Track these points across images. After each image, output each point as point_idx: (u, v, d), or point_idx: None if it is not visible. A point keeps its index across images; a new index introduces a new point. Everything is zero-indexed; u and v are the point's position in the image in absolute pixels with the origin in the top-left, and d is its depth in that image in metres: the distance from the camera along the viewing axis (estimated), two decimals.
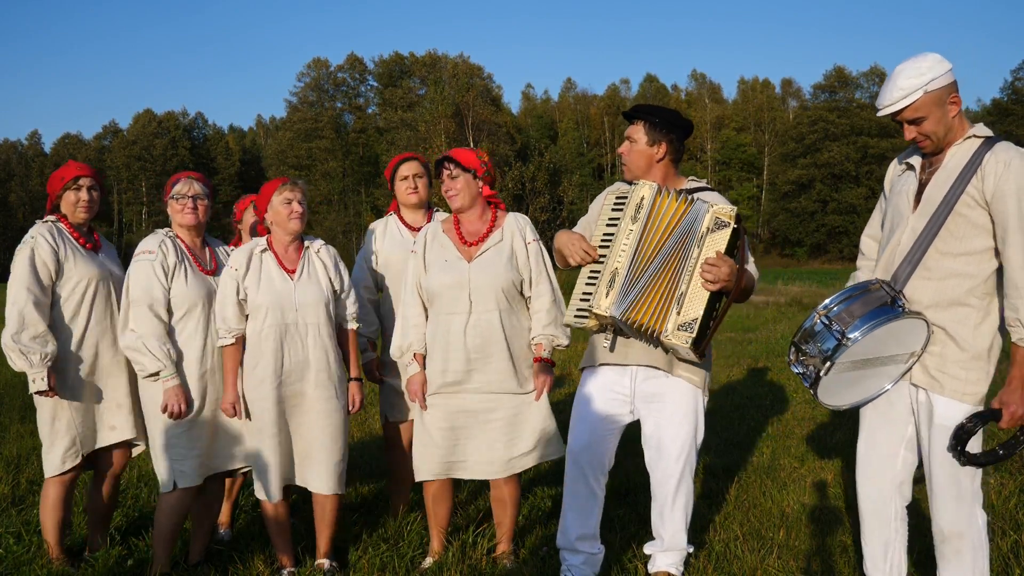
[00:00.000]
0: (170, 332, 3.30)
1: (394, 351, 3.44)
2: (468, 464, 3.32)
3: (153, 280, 3.27)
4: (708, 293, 2.81)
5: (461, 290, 3.27)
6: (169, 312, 3.31)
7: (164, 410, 3.23)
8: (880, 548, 2.81)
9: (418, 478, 3.40)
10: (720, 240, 2.84)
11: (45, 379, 3.23)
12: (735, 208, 2.87)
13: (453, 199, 3.35)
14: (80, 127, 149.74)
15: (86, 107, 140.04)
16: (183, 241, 3.43)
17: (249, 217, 4.10)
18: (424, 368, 3.35)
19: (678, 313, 2.83)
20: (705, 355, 2.95)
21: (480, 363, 3.25)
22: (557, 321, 3.31)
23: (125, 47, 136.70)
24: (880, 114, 2.66)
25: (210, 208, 3.51)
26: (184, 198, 3.40)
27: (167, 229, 3.46)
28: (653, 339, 2.90)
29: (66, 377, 3.35)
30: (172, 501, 3.33)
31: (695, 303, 2.83)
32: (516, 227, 3.38)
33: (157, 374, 3.24)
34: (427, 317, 3.39)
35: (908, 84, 2.54)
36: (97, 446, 3.45)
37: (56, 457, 3.38)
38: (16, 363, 3.23)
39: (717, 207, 2.86)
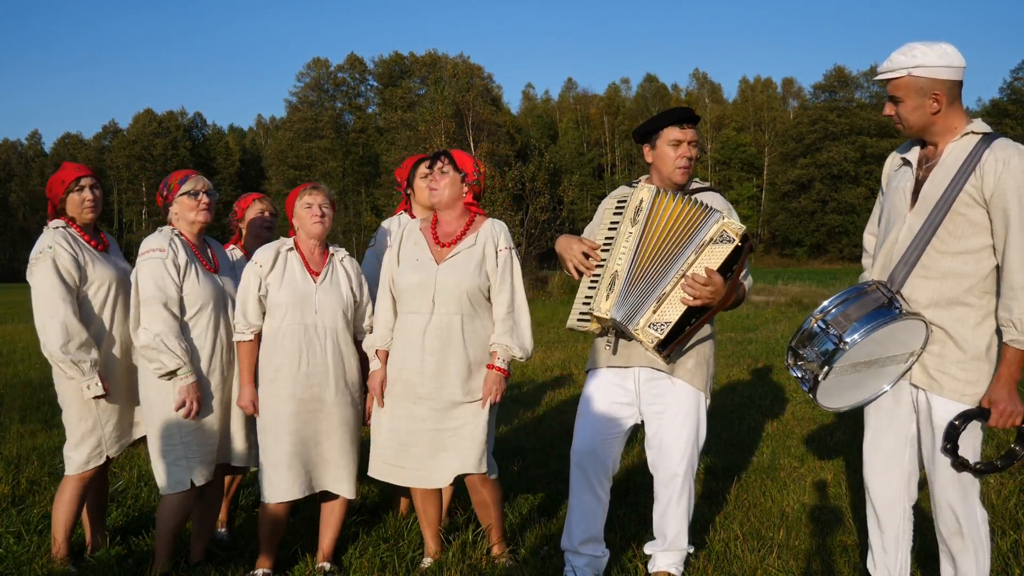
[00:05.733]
0: (182, 329, 3.29)
1: (364, 345, 3.46)
2: (407, 471, 3.30)
3: (166, 278, 3.25)
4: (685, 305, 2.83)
5: (426, 290, 3.26)
6: (182, 310, 3.30)
7: (179, 407, 3.22)
8: (889, 548, 2.81)
9: (369, 472, 3.40)
10: (718, 255, 2.82)
11: (99, 383, 3.27)
12: (744, 227, 2.85)
13: (433, 193, 3.35)
14: (80, 127, 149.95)
15: (86, 107, 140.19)
16: (187, 239, 3.42)
17: (252, 214, 4.10)
18: (385, 365, 3.37)
19: (653, 311, 2.84)
20: (670, 358, 2.95)
21: (435, 366, 3.22)
22: (512, 332, 3.27)
23: (125, 47, 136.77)
24: (875, 79, 2.68)
25: None
26: (199, 194, 3.40)
27: (171, 228, 3.44)
28: (628, 334, 2.89)
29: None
30: (176, 501, 3.31)
31: (672, 308, 2.84)
32: (491, 233, 3.35)
33: (174, 372, 3.23)
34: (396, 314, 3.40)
35: (897, 60, 2.56)
36: (123, 448, 3.48)
37: (81, 456, 3.39)
38: (68, 373, 3.25)
39: (728, 221, 2.84)
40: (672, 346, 2.88)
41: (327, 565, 3.39)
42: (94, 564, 3.40)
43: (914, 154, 2.72)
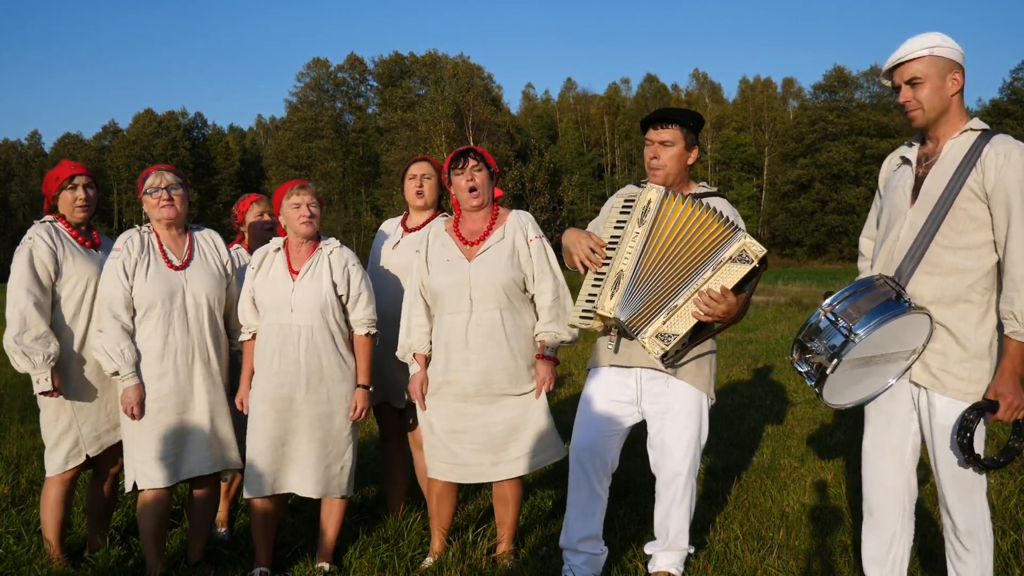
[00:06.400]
0: (134, 331, 3.29)
1: (399, 352, 3.45)
2: (469, 468, 3.32)
3: (115, 280, 3.25)
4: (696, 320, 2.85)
5: (462, 289, 3.26)
6: (135, 311, 3.29)
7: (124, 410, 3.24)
8: (882, 546, 2.81)
9: (429, 475, 3.42)
10: (735, 274, 2.83)
11: (49, 380, 3.23)
12: (765, 250, 2.85)
13: (475, 195, 3.33)
14: (80, 127, 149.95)
15: (86, 107, 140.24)
16: (157, 236, 3.39)
17: (251, 218, 4.09)
18: (426, 368, 3.36)
19: (663, 322, 2.85)
20: (672, 366, 2.99)
21: (482, 363, 3.24)
22: (560, 318, 3.29)
23: (125, 47, 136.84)
24: (885, 68, 2.66)
25: (186, 198, 3.45)
26: (158, 191, 3.34)
27: (141, 225, 3.43)
28: (632, 333, 2.91)
29: (69, 377, 3.35)
30: (147, 500, 3.30)
31: (682, 321, 2.85)
32: (518, 224, 3.36)
33: (117, 374, 3.23)
34: (431, 317, 3.41)
35: (916, 43, 2.57)
36: (105, 447, 3.44)
37: (59, 457, 3.38)
38: (19, 365, 3.23)
39: (750, 241, 2.82)
40: (674, 358, 2.93)
41: (327, 565, 3.38)
42: (94, 564, 3.40)
43: (913, 152, 2.74)
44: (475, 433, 3.28)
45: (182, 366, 3.30)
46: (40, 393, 3.27)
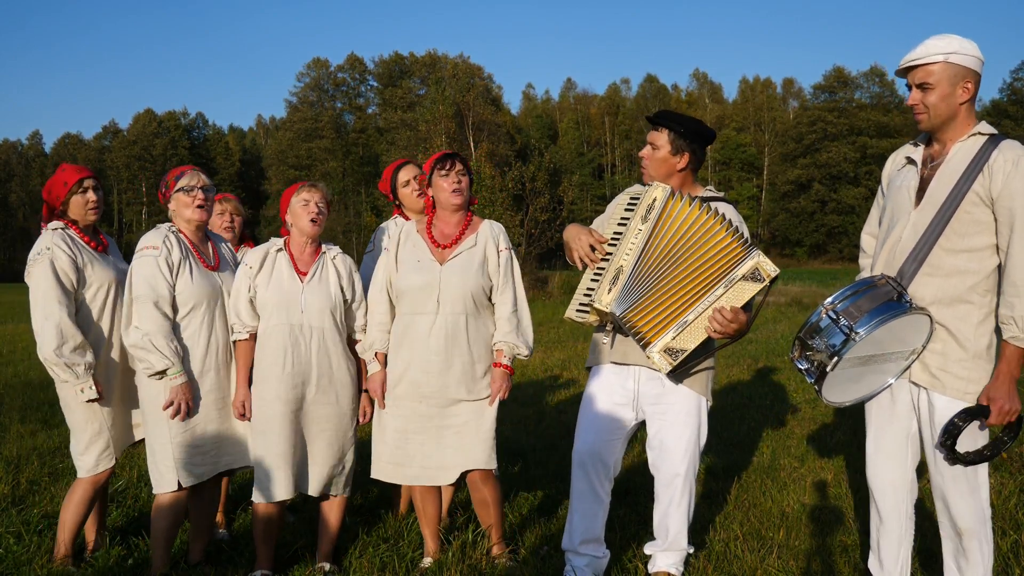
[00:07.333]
0: (174, 329, 3.27)
1: (359, 348, 3.46)
2: (415, 470, 3.32)
3: (158, 276, 3.23)
4: (707, 335, 2.86)
5: (431, 291, 3.27)
6: (174, 309, 3.28)
7: (167, 407, 3.20)
8: (891, 547, 2.81)
9: (372, 474, 3.42)
10: (747, 292, 2.84)
11: (93, 387, 3.26)
12: (778, 270, 2.86)
13: (457, 195, 3.35)
14: (80, 127, 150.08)
15: (86, 107, 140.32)
16: (186, 236, 3.39)
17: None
18: (385, 366, 3.37)
19: (673, 337, 2.86)
20: (676, 379, 3.02)
21: (440, 365, 3.25)
22: (517, 330, 3.32)
23: (125, 47, 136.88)
24: (899, 66, 2.64)
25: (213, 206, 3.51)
26: (195, 190, 3.35)
27: (169, 224, 3.42)
28: (640, 344, 2.91)
29: (98, 382, 3.35)
30: (168, 502, 3.30)
31: (693, 337, 2.86)
32: (491, 234, 3.40)
33: (164, 372, 3.21)
34: (392, 317, 3.41)
35: (933, 46, 2.55)
36: (122, 449, 3.46)
37: (91, 459, 3.39)
38: (60, 376, 3.24)
39: (763, 260, 2.84)
40: (679, 371, 2.96)
41: (327, 565, 3.38)
42: (94, 564, 3.40)
43: (918, 153, 2.73)
44: (426, 435, 3.29)
45: (223, 364, 3.35)
46: (88, 401, 3.29)
